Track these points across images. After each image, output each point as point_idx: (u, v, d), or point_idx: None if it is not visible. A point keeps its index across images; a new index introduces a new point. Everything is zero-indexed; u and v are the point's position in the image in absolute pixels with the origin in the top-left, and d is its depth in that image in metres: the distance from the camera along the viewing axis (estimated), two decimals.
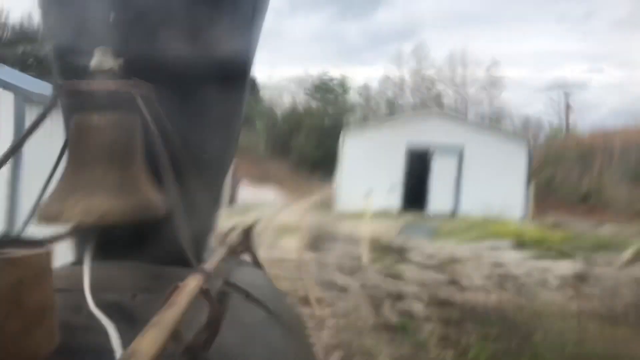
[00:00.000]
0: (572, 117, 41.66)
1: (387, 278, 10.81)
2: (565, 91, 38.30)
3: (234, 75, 1.43)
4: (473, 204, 22.33)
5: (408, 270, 11.79)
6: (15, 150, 1.09)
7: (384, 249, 13.97)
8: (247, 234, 1.89)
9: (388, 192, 22.93)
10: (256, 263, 2.02)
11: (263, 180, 37.26)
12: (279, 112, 55.56)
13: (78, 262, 1.31)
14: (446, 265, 12.60)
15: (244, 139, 41.43)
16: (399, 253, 13.65)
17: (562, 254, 13.67)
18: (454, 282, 10.89)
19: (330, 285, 9.77)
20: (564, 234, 16.80)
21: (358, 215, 21.52)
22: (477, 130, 23.24)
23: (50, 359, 0.76)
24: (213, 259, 1.21)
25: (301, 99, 56.41)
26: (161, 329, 0.73)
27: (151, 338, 0.69)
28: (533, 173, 23.54)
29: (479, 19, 71.00)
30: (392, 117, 32.00)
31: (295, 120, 52.26)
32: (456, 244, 15.51)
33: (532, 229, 17.71)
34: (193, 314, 0.86)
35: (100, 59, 1.10)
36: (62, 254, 1.19)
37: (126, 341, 0.73)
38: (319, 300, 8.31)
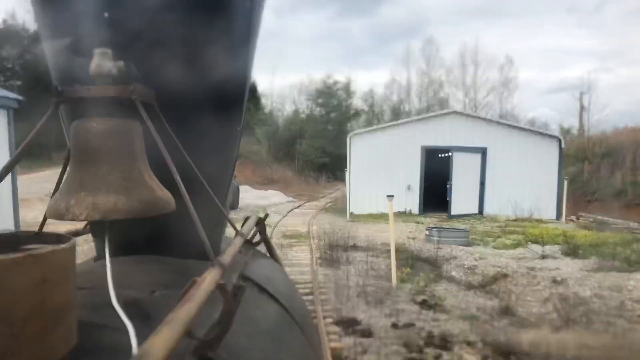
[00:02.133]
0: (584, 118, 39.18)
1: (424, 309, 8.37)
2: (581, 91, 36.04)
3: (231, 98, 1.50)
4: (500, 205, 19.99)
5: (448, 294, 9.36)
6: (20, 156, 1.13)
7: (415, 261, 11.55)
8: (261, 224, 1.93)
9: (405, 194, 20.56)
10: (271, 254, 2.12)
11: (267, 184, 35.20)
12: (280, 119, 54.49)
13: (99, 257, 1.45)
14: (493, 282, 10.16)
15: (245, 146, 39.84)
16: (434, 266, 11.22)
17: (630, 263, 11.17)
18: (508, 312, 8.44)
19: (350, 325, 7.35)
20: (620, 235, 14.26)
21: (374, 217, 19.56)
22: (501, 129, 20.76)
23: (68, 359, 0.75)
24: (230, 251, 1.20)
25: (303, 105, 55.33)
26: (175, 327, 0.73)
27: (164, 337, 0.70)
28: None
29: (485, 14, 68.98)
30: (405, 117, 29.63)
31: (297, 127, 50.91)
32: (496, 250, 13.08)
33: (578, 231, 15.22)
34: (208, 308, 0.88)
35: (100, 62, 1.09)
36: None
37: (143, 339, 0.73)
38: (336, 355, 5.89)
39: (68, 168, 1.14)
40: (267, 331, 1.34)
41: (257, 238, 1.97)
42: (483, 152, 20.51)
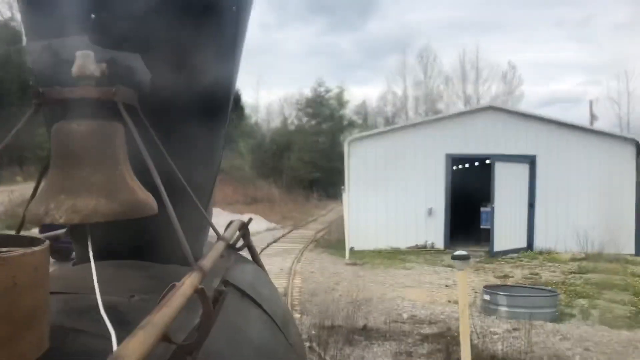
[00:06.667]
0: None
1: None
2: (590, 100, 31.26)
3: (216, 101, 1.49)
4: (557, 236, 14.44)
5: None
6: None
7: None
8: (244, 229, 1.87)
9: (426, 221, 14.93)
10: (255, 259, 2.05)
11: (250, 204, 29.86)
12: (266, 130, 49.79)
13: (78, 262, 1.41)
14: None
15: (226, 161, 34.45)
16: None
17: None
18: None
19: None
20: None
21: (384, 256, 13.89)
22: (555, 130, 15.16)
23: None
24: (210, 256, 1.20)
25: (292, 116, 50.87)
26: (149, 331, 0.73)
27: (139, 340, 0.70)
28: None
29: (473, 28, 67.19)
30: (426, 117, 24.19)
31: (285, 139, 45.94)
32: (611, 331, 7.43)
33: None
34: (189, 314, 0.92)
35: (82, 64, 1.08)
36: None
37: (119, 344, 0.74)
38: None
39: (49, 171, 1.12)
40: (249, 337, 1.34)
41: (240, 243, 1.92)
42: (531, 161, 14.94)
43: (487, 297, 8.18)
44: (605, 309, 8.56)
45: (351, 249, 14.15)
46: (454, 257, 4.71)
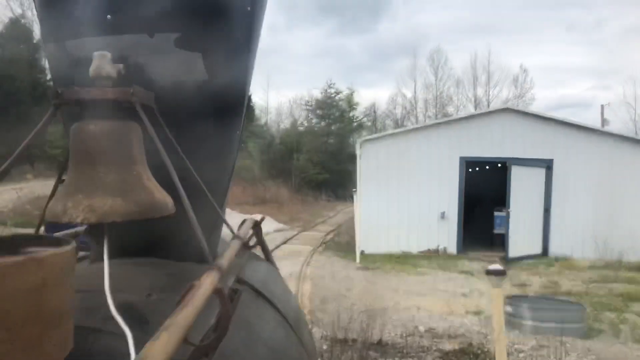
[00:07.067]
0: None
1: None
2: (602, 104, 30.70)
3: (231, 102, 1.49)
4: (574, 242, 13.97)
5: None
6: (19, 156, 1.12)
7: None
8: (257, 227, 1.86)
9: (438, 225, 14.52)
10: (267, 257, 2.07)
11: (258, 205, 29.57)
12: (276, 131, 49.55)
13: (95, 260, 1.41)
14: None
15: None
16: None
17: None
18: None
19: None
20: None
21: (396, 260, 13.52)
22: (573, 134, 14.65)
23: None
24: (227, 255, 1.20)
25: (302, 117, 50.63)
26: (173, 333, 0.72)
27: (164, 342, 0.69)
28: None
29: (483, 31, 66.65)
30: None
31: (294, 140, 45.62)
32: None
33: None
34: (204, 311, 0.86)
35: (99, 65, 1.09)
36: None
37: (140, 343, 0.73)
38: None
39: (68, 170, 1.13)
40: (263, 336, 1.32)
41: (253, 241, 1.90)
42: (548, 165, 14.46)
43: (509, 309, 7.74)
44: (636, 324, 8.09)
45: (362, 253, 13.77)
46: (489, 272, 4.30)
